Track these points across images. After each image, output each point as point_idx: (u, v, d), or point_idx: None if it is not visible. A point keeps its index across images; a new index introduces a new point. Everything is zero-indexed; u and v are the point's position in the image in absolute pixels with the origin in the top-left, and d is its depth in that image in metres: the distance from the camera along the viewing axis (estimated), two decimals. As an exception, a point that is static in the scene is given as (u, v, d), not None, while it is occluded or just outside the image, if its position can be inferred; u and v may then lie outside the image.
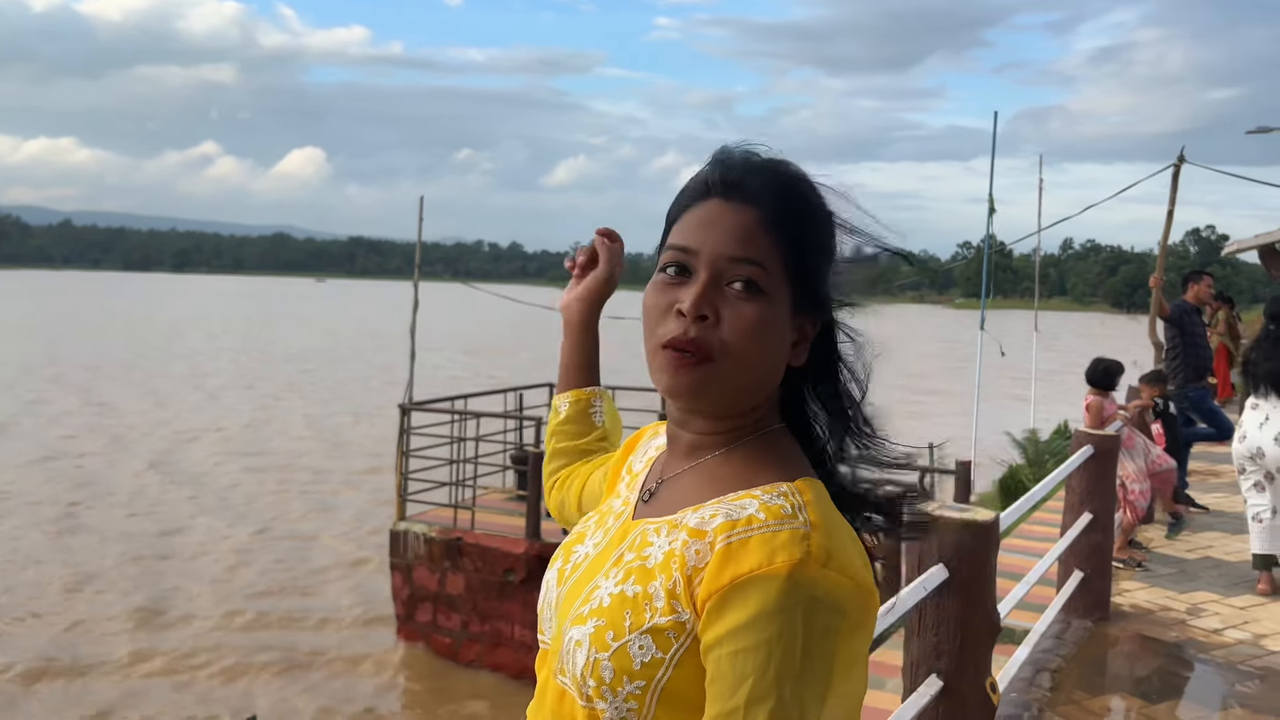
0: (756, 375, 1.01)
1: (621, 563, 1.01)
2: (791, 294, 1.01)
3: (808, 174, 1.06)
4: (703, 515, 0.96)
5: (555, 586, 1.10)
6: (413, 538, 9.78)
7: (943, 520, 2.97)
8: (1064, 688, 4.47)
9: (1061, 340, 62.50)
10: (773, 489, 0.96)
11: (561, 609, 1.06)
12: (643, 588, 0.96)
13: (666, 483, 1.08)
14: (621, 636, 0.94)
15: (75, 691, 9.16)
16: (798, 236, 1.01)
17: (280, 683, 9.48)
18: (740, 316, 0.97)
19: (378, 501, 15.12)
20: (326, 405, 27.86)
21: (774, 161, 1.05)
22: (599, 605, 0.98)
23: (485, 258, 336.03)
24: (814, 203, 1.04)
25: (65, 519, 15.05)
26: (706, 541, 0.93)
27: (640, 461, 1.21)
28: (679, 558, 0.94)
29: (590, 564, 1.08)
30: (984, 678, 3.00)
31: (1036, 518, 7.81)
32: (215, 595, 11.80)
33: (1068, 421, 16.08)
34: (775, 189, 1.02)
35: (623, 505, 1.14)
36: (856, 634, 0.90)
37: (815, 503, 0.95)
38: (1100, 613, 5.42)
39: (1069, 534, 5.20)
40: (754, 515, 0.92)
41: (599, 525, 1.15)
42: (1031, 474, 11.92)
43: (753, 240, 0.99)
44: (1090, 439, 5.46)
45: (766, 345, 0.99)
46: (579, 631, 0.97)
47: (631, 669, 0.93)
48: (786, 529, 0.90)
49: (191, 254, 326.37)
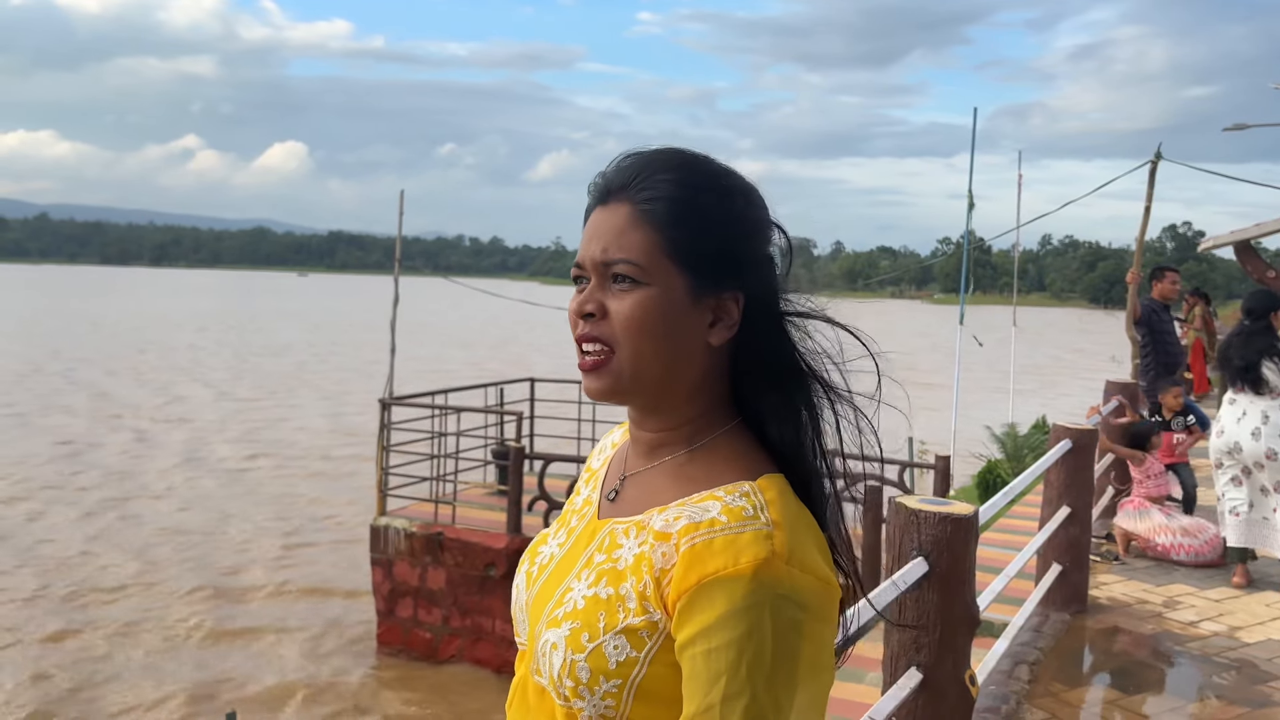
0: (662, 361, 1.01)
1: (592, 564, 1.03)
2: (685, 275, 1.01)
3: (689, 154, 1.06)
4: (667, 518, 0.98)
5: (525, 588, 1.12)
6: (393, 533, 9.74)
7: (922, 514, 2.99)
8: (1042, 680, 4.51)
9: (1041, 335, 62.99)
10: (734, 489, 0.97)
11: (533, 610, 1.07)
12: (615, 590, 0.98)
13: (630, 480, 1.09)
14: (596, 638, 0.96)
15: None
16: (674, 218, 1.01)
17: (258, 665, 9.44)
18: (622, 309, 1.00)
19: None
20: (334, 398, 27.92)
21: (649, 154, 1.06)
22: (573, 608, 0.99)
23: (466, 252, 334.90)
24: (692, 181, 1.03)
25: (111, 506, 15.48)
26: (671, 544, 0.95)
27: (598, 460, 1.22)
28: (647, 560, 0.96)
29: (558, 565, 1.08)
30: (963, 670, 3.02)
31: (1015, 511, 7.84)
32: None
33: (1045, 416, 16.21)
34: (644, 181, 1.03)
35: (584, 504, 1.15)
36: (821, 626, 0.93)
37: (777, 501, 0.97)
38: (1078, 605, 5.47)
39: (1047, 527, 5.23)
40: (716, 518, 0.94)
41: (561, 525, 1.16)
42: (1010, 468, 11.99)
43: (623, 236, 1.01)
44: (1068, 433, 5.49)
45: (657, 331, 1.00)
46: (554, 634, 0.99)
47: (607, 668, 0.95)
48: (749, 530, 0.92)
49: (170, 248, 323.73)
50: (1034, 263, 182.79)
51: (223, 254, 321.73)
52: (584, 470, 1.24)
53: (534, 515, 9.32)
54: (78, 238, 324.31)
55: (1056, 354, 50.83)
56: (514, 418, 10.96)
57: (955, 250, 17.01)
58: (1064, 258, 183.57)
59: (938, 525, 2.97)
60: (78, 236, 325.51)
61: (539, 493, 9.27)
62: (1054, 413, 16.08)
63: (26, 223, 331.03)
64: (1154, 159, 8.97)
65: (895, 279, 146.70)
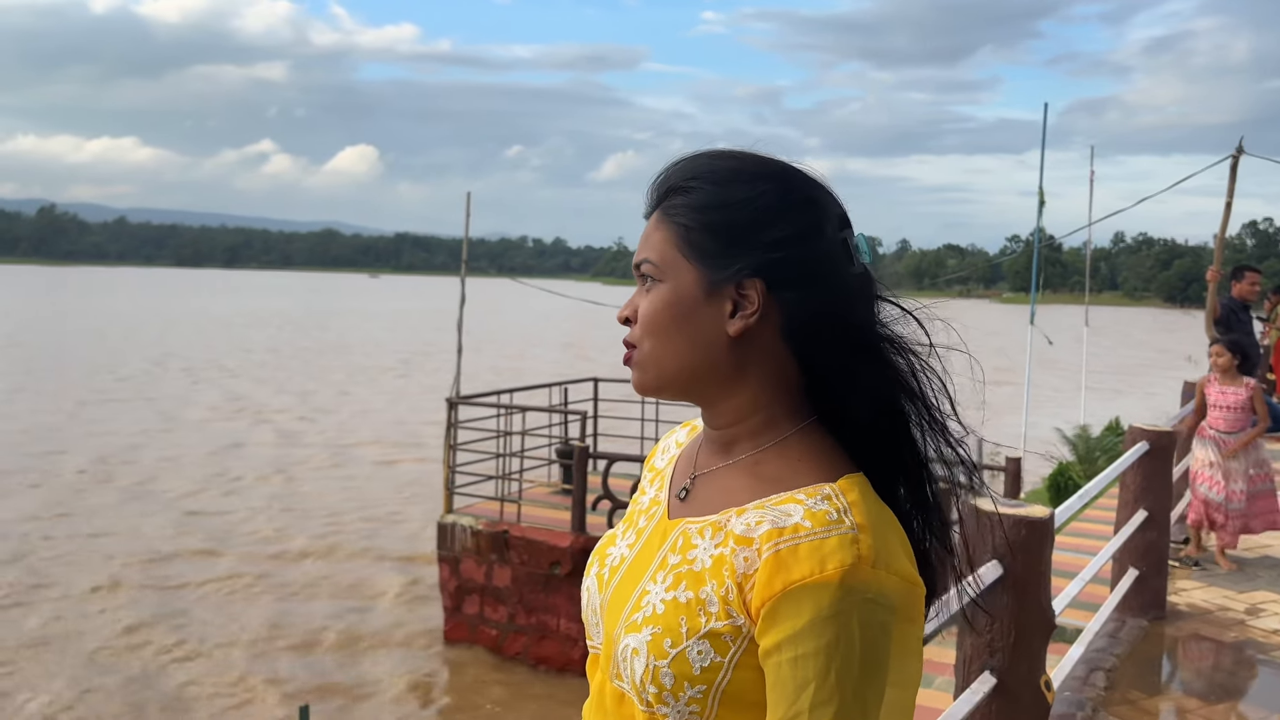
0: (678, 354, 1.03)
1: (667, 565, 1.01)
2: (695, 267, 1.01)
3: (726, 151, 1.05)
4: (748, 521, 0.96)
5: (597, 592, 1.10)
6: (460, 530, 9.86)
7: (997, 516, 2.94)
8: (1119, 687, 4.41)
9: (1114, 334, 61.60)
10: (815, 491, 0.95)
11: (609, 614, 1.06)
12: (694, 593, 0.96)
13: (701, 479, 1.08)
14: (679, 643, 0.95)
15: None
16: (690, 213, 1.02)
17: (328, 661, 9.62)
18: (641, 307, 1.05)
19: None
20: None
21: (688, 157, 1.06)
22: (652, 612, 0.98)
23: (529, 253, 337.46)
24: (716, 174, 1.03)
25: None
26: (754, 549, 0.93)
27: (662, 459, 1.20)
28: (729, 564, 0.95)
29: (630, 567, 1.07)
30: (1038, 676, 2.97)
31: (1088, 514, 7.69)
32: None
33: (1119, 417, 15.84)
34: (667, 183, 1.06)
35: (652, 504, 1.13)
36: (908, 626, 0.93)
37: (860, 503, 0.95)
38: (1156, 611, 5.33)
39: (1123, 531, 5.11)
40: (800, 523, 0.92)
41: (629, 526, 1.14)
42: (1082, 470, 11.75)
43: (648, 238, 1.06)
44: (1145, 435, 5.36)
45: (667, 325, 1.02)
46: (634, 639, 0.98)
47: (691, 674, 0.94)
48: (834, 535, 0.91)
49: (241, 250, 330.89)
50: (1106, 260, 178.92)
51: (293, 255, 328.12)
52: (645, 470, 1.23)
53: (598, 514, 9.35)
54: (154, 240, 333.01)
55: (1130, 354, 49.67)
56: (578, 417, 11.01)
57: (1024, 248, 16.63)
58: (1138, 255, 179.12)
59: (1013, 528, 2.92)
60: (154, 239, 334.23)
61: (603, 492, 9.31)
62: (1128, 414, 15.72)
63: (106, 226, 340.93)
64: (1235, 153, 8.72)
65: (963, 278, 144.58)
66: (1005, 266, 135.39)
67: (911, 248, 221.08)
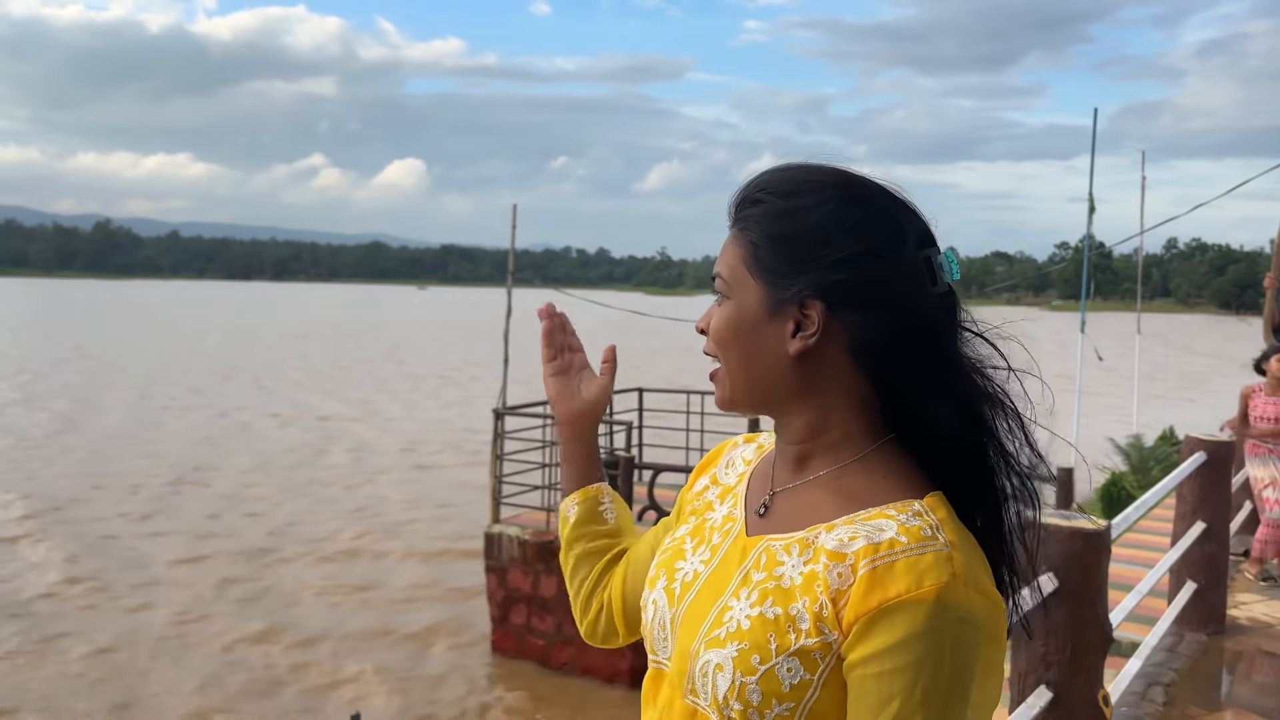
0: (746, 371, 1.04)
1: (751, 582, 1.00)
2: (760, 285, 1.02)
3: (799, 166, 1.04)
4: (840, 537, 0.95)
5: (668, 607, 1.09)
6: (506, 540, 9.91)
7: (1051, 528, 2.90)
8: (1178, 703, 4.32)
9: (1167, 342, 60.47)
10: (906, 508, 0.95)
11: (683, 629, 1.05)
12: (783, 610, 0.95)
13: (780, 496, 1.07)
14: (768, 660, 0.94)
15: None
16: (759, 230, 1.03)
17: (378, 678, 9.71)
18: (714, 322, 1.07)
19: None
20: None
21: (763, 172, 1.06)
22: (737, 628, 0.97)
23: (573, 264, 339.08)
24: (786, 189, 1.02)
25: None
26: (848, 564, 0.93)
27: (730, 475, 1.19)
28: (821, 580, 0.94)
29: (707, 582, 1.06)
30: (1095, 690, 2.92)
31: (1143, 526, 7.55)
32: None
33: (1173, 427, 15.53)
34: (745, 198, 1.06)
35: (726, 519, 1.12)
36: (993, 648, 0.92)
37: (949, 520, 0.95)
38: (1215, 626, 5.22)
39: (1181, 543, 5.01)
40: (895, 539, 0.92)
41: (700, 541, 1.12)
42: (1136, 481, 11.55)
43: (723, 255, 1.07)
44: (1202, 445, 5.26)
45: (734, 342, 1.04)
46: (718, 655, 0.97)
47: (780, 691, 0.93)
48: (930, 551, 0.90)
49: (290, 262, 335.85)
50: (1158, 267, 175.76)
51: (340, 268, 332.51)
52: (706, 482, 1.21)
53: (643, 525, 9.35)
54: (205, 254, 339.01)
55: (1185, 361, 48.71)
56: (623, 427, 11.03)
57: (1074, 255, 16.36)
58: (1190, 261, 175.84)
59: (1068, 540, 2.88)
60: (205, 252, 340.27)
61: (648, 503, 9.30)
62: (1182, 423, 15.42)
63: (159, 240, 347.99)
64: (1292, 157, 8.52)
65: (1011, 286, 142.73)
66: (1055, 274, 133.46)
67: (959, 255, 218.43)
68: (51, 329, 65.12)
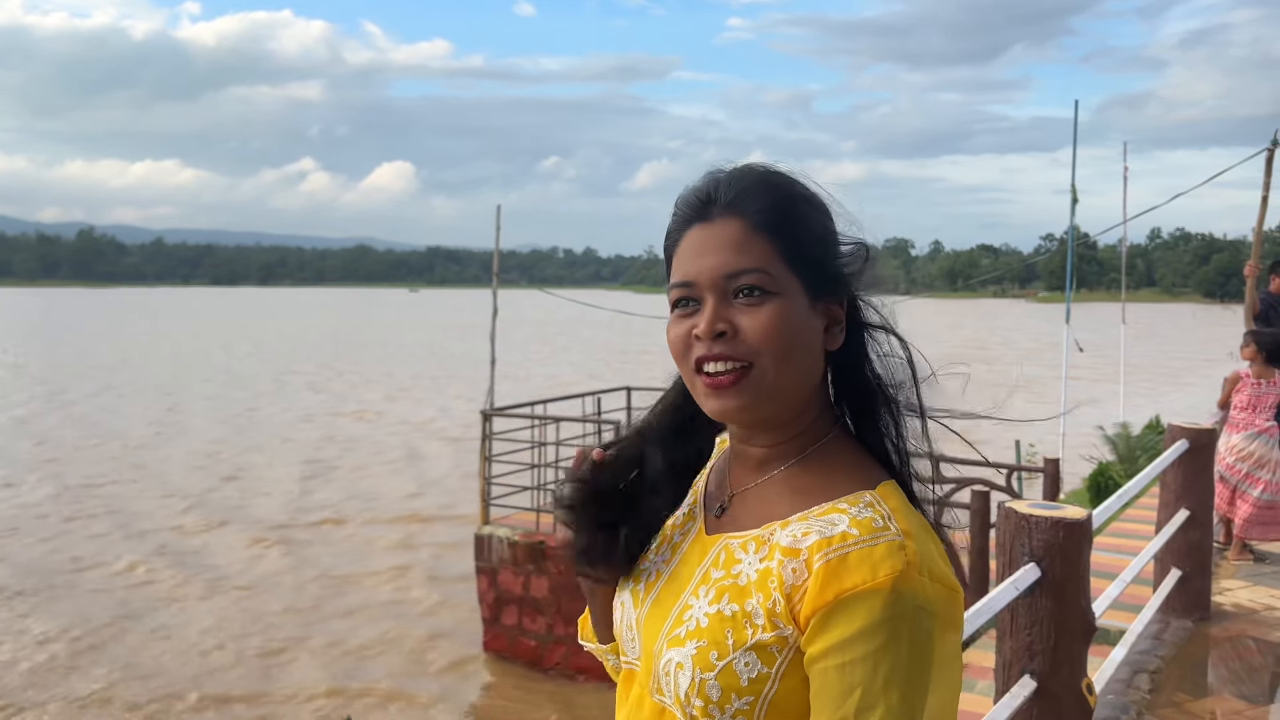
0: (799, 370, 1.01)
1: (710, 580, 1.01)
2: (803, 283, 1.01)
3: (779, 168, 1.06)
4: (793, 533, 0.96)
5: (633, 607, 1.11)
6: (496, 542, 9.90)
7: (1033, 519, 2.92)
8: (1164, 690, 4.35)
9: (1152, 331, 60.73)
10: (857, 500, 0.96)
11: (647, 629, 1.06)
12: (740, 606, 0.97)
13: (739, 496, 1.08)
14: (725, 655, 0.95)
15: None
16: (791, 227, 1.02)
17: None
18: (758, 320, 0.98)
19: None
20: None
21: (741, 169, 1.06)
22: (696, 626, 0.99)
23: (560, 264, 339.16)
24: (796, 191, 1.04)
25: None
26: (802, 560, 0.93)
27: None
28: (776, 576, 0.95)
29: (668, 582, 1.08)
30: (1079, 678, 2.94)
31: (1129, 515, 7.59)
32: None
33: (1159, 416, 15.61)
34: (752, 192, 1.03)
35: (685, 519, 1.13)
36: (949, 632, 0.92)
37: (901, 509, 0.96)
38: (1200, 612, 5.26)
39: (1165, 531, 5.04)
40: (847, 531, 0.93)
41: (662, 540, 1.14)
42: (1123, 470, 11.58)
43: (746, 248, 1.00)
44: (1185, 433, 5.29)
45: (796, 338, 1.00)
46: (678, 653, 0.98)
47: (739, 685, 0.94)
48: (883, 542, 0.91)
49: (276, 267, 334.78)
50: (1142, 257, 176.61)
51: (326, 272, 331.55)
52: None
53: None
54: (190, 260, 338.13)
55: (1169, 350, 48.95)
56: (611, 426, 11.03)
57: (1059, 247, 16.44)
58: (1174, 251, 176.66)
59: (1050, 530, 2.90)
60: (190, 259, 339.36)
61: (638, 501, 9.29)
62: (1168, 412, 15.51)
63: (143, 247, 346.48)
64: (1271, 145, 8.58)
65: (997, 278, 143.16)
66: (1040, 266, 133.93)
67: (945, 248, 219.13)
68: (41, 337, 64.82)
